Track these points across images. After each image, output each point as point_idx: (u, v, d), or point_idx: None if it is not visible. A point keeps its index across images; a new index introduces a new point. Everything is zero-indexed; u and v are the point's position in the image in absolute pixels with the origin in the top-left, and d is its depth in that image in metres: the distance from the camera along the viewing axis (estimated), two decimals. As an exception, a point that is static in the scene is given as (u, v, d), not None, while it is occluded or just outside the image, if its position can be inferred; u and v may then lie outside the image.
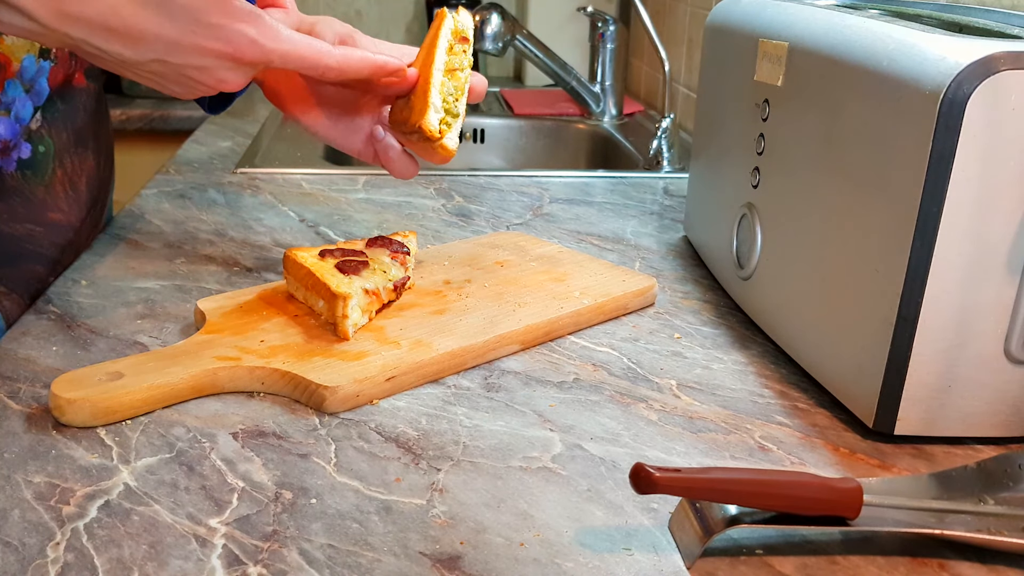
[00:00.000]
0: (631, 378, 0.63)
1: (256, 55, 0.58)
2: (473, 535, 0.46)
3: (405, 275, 0.69)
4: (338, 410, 0.57)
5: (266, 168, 1.13)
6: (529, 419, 0.57)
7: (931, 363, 0.53)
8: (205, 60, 0.57)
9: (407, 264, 0.70)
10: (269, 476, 0.50)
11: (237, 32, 0.56)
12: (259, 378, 0.59)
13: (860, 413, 0.56)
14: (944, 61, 0.49)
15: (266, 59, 0.58)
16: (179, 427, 0.55)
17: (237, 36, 0.56)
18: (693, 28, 1.47)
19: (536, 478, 0.51)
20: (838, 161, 0.58)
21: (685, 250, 0.88)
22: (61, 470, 0.50)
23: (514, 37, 1.41)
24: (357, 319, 0.63)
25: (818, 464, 0.53)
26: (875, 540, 0.47)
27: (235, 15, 0.56)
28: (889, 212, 0.53)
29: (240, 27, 0.56)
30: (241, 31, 0.56)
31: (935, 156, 0.49)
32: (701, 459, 0.54)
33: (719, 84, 0.80)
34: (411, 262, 0.71)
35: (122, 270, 0.78)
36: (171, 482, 0.50)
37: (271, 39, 0.58)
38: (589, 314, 0.70)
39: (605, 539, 0.46)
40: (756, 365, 0.65)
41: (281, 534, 0.46)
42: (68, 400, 0.54)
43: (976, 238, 0.50)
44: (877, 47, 0.55)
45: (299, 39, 0.60)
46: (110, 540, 0.45)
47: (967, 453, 0.55)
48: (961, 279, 0.51)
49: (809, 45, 0.63)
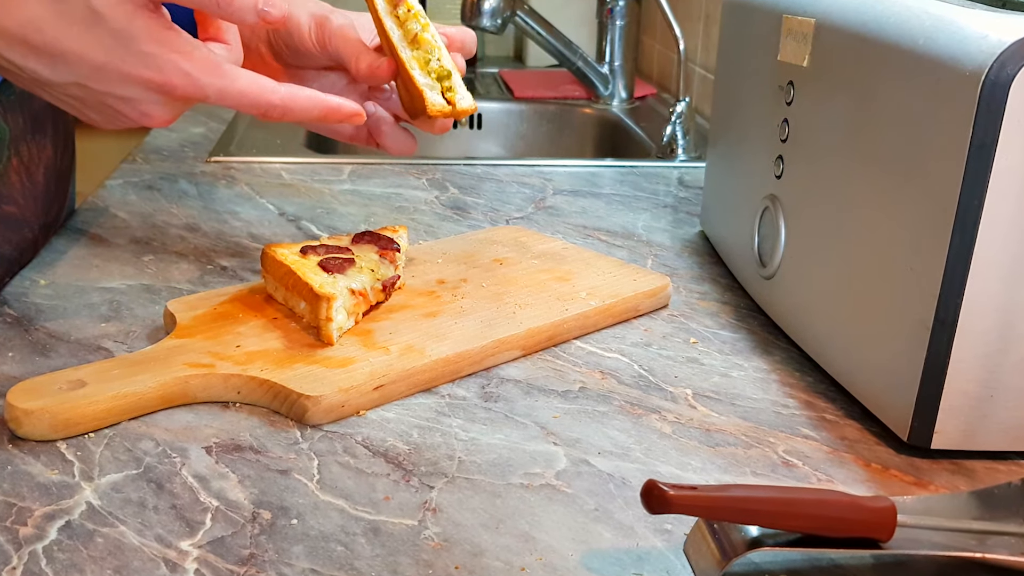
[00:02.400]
0: (643, 387, 0.63)
1: (189, 89, 0.56)
2: (469, 559, 0.46)
3: (395, 274, 0.70)
4: (321, 422, 0.57)
5: (242, 156, 1.14)
6: (531, 432, 0.57)
7: (971, 370, 0.53)
8: (131, 90, 0.56)
9: (397, 262, 0.70)
10: (246, 494, 0.50)
11: (170, 63, 0.55)
12: (235, 387, 0.59)
13: (893, 425, 0.56)
14: (986, 39, 0.49)
15: (200, 94, 0.57)
16: (147, 440, 0.55)
17: (170, 67, 0.55)
18: (710, 3, 1.47)
19: (538, 496, 0.51)
20: (869, 149, 0.58)
21: (702, 246, 0.89)
22: (18, 488, 0.50)
23: (514, 13, 1.41)
24: (342, 322, 0.63)
25: (847, 481, 0.53)
26: (910, 564, 0.47)
27: (170, 45, 0.55)
28: (925, 205, 0.53)
29: (174, 58, 0.55)
30: (175, 63, 0.55)
31: (976, 143, 0.49)
32: (719, 475, 0.54)
33: (739, 65, 0.80)
34: (401, 260, 0.72)
35: (85, 268, 0.78)
36: (138, 501, 0.50)
37: (207, 73, 0.56)
38: (596, 317, 0.70)
39: (614, 563, 0.46)
40: (779, 372, 0.66)
41: (259, 558, 0.46)
42: (25, 411, 0.54)
43: (1020, 233, 0.50)
44: (913, 24, 0.55)
45: (240, 75, 0.58)
46: (71, 564, 0.45)
47: (1011, 469, 0.55)
48: (1004, 278, 0.51)
49: (838, 22, 0.63)
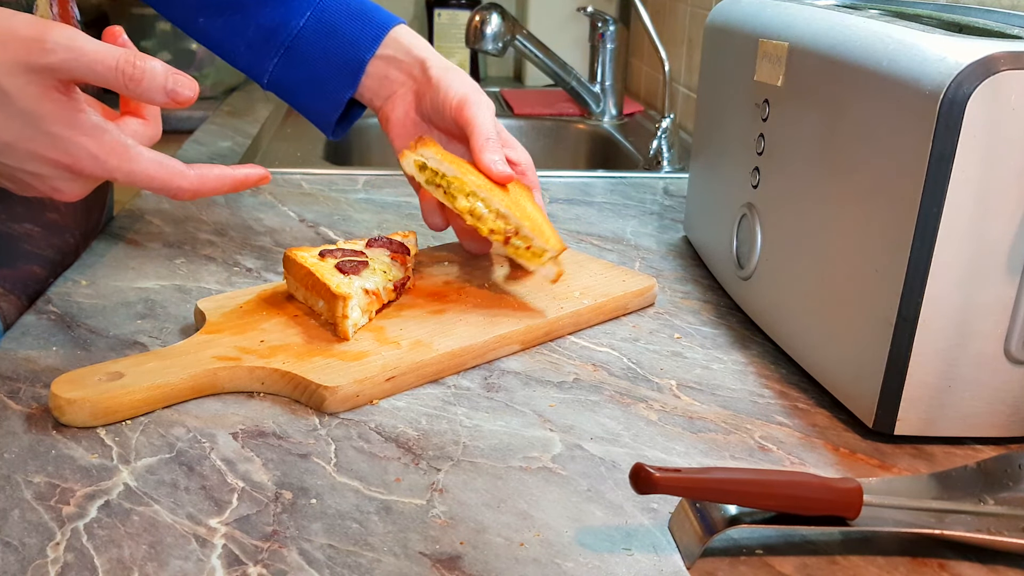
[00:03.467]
0: (631, 378, 0.63)
1: (96, 171, 0.53)
2: (473, 535, 0.46)
3: (405, 275, 0.70)
4: (338, 410, 0.57)
5: (266, 168, 1.13)
6: (529, 419, 0.57)
7: (931, 363, 0.53)
8: (40, 167, 0.52)
9: (407, 264, 0.70)
10: (269, 476, 0.50)
11: (77, 145, 0.52)
12: (259, 378, 0.59)
13: (860, 413, 0.56)
14: (944, 61, 0.49)
15: (108, 176, 0.54)
16: (179, 427, 0.55)
17: (77, 149, 0.52)
18: (693, 28, 1.47)
19: (536, 478, 0.51)
20: (838, 161, 0.58)
21: (685, 250, 0.88)
22: (61, 470, 0.50)
23: (514, 37, 1.41)
24: (357, 319, 0.63)
25: (818, 464, 0.53)
26: (875, 540, 0.47)
27: (78, 127, 0.51)
28: (889, 212, 0.53)
29: (82, 141, 0.52)
30: (82, 145, 0.52)
31: (935, 156, 0.49)
32: (701, 459, 0.54)
33: (719, 84, 0.80)
34: (411, 262, 0.71)
35: (122, 270, 0.78)
36: (171, 482, 0.50)
37: (115, 156, 0.53)
38: (589, 314, 0.70)
39: (605, 539, 0.46)
40: (756, 365, 0.65)
41: (281, 534, 0.46)
42: (68, 400, 0.54)
43: (976, 238, 0.50)
44: (877, 47, 0.55)
45: (148, 158, 0.54)
46: (110, 540, 0.45)
47: (967, 453, 0.55)
48: (961, 279, 0.51)
49: (809, 45, 0.63)
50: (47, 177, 0.53)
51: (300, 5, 0.77)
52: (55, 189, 0.54)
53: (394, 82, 0.77)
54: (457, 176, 0.67)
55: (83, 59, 0.50)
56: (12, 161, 0.52)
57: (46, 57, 0.49)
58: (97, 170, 0.53)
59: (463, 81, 0.74)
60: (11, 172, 0.53)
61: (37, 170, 0.53)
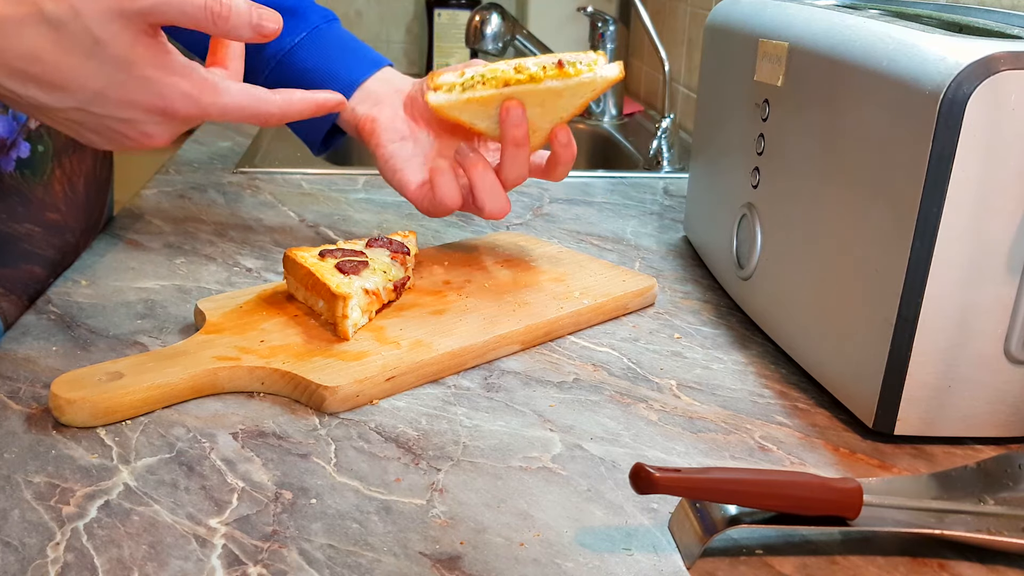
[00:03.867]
0: (631, 378, 0.63)
1: (191, 110, 0.54)
2: (473, 535, 0.46)
3: (405, 275, 0.70)
4: (338, 410, 0.57)
5: (266, 168, 1.13)
6: (529, 419, 0.57)
7: (931, 363, 0.53)
8: (132, 113, 0.53)
9: (407, 264, 0.70)
10: (269, 476, 0.50)
11: (170, 86, 0.53)
12: (259, 378, 0.59)
13: (860, 413, 0.56)
14: (944, 61, 0.49)
15: (202, 113, 0.55)
16: (179, 427, 0.55)
17: (170, 90, 0.53)
18: (693, 28, 1.47)
19: (536, 478, 0.51)
20: (838, 161, 0.58)
21: (685, 250, 0.88)
22: (61, 470, 0.50)
23: (514, 37, 1.41)
24: (357, 319, 0.63)
25: (818, 464, 0.53)
26: (875, 540, 0.47)
27: (169, 68, 0.53)
28: (889, 212, 0.53)
29: (174, 80, 0.53)
30: (174, 84, 0.53)
31: (935, 156, 0.49)
32: (701, 459, 0.54)
33: (719, 84, 0.80)
34: (411, 262, 0.71)
35: (122, 270, 0.78)
36: (171, 482, 0.50)
37: (207, 93, 0.54)
38: (589, 314, 0.70)
39: (605, 539, 0.46)
40: (756, 365, 0.65)
41: (281, 534, 0.46)
42: (68, 400, 0.54)
43: (976, 238, 0.50)
44: (877, 47, 0.55)
45: (236, 90, 0.56)
46: (110, 540, 0.45)
47: (967, 453, 0.55)
48: (961, 279, 0.51)
49: (809, 45, 0.63)
50: (138, 122, 0.54)
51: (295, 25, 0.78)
52: (145, 134, 0.54)
53: (379, 94, 0.78)
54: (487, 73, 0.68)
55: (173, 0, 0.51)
56: (103, 110, 0.52)
57: (137, 2, 0.50)
58: (191, 108, 0.54)
59: None
60: (100, 122, 0.53)
61: (129, 116, 0.53)
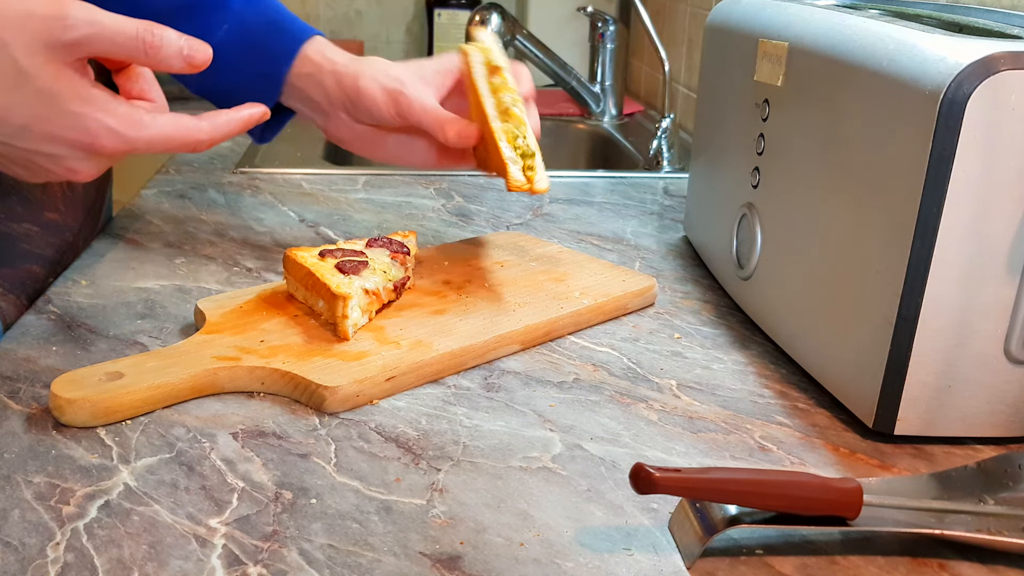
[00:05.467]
0: (631, 378, 0.63)
1: (116, 144, 0.53)
2: (473, 535, 0.46)
3: (405, 275, 0.70)
4: (338, 410, 0.57)
5: (266, 168, 1.13)
6: (529, 419, 0.57)
7: (931, 363, 0.53)
8: (57, 148, 0.52)
9: (407, 264, 0.70)
10: (269, 476, 0.50)
11: (95, 120, 0.51)
12: (259, 378, 0.59)
13: (860, 413, 0.56)
14: (944, 61, 0.49)
15: (128, 148, 0.53)
16: (179, 427, 0.55)
17: (96, 125, 0.51)
18: (693, 28, 1.47)
19: (536, 478, 0.51)
20: (838, 161, 0.58)
21: (685, 250, 0.88)
22: (61, 470, 0.50)
23: (514, 37, 1.41)
24: (357, 319, 0.63)
25: (818, 464, 0.53)
26: (875, 540, 0.47)
27: (94, 103, 0.51)
28: (889, 212, 0.53)
29: (99, 115, 0.51)
30: (100, 120, 0.51)
31: (935, 156, 0.49)
32: (701, 459, 0.54)
33: (719, 84, 0.80)
34: (411, 262, 0.71)
35: (122, 270, 0.78)
36: (171, 482, 0.50)
37: (133, 127, 0.53)
38: (589, 314, 0.70)
39: (605, 539, 0.46)
40: (756, 365, 0.65)
41: (281, 534, 0.46)
42: (68, 400, 0.54)
43: (976, 238, 0.50)
44: (877, 47, 0.55)
45: (163, 122, 0.54)
46: (110, 540, 0.45)
47: (967, 453, 0.55)
48: (961, 279, 0.51)
49: (809, 45, 0.63)
50: (63, 158, 0.52)
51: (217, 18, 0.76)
52: (71, 170, 0.53)
53: (319, 104, 0.76)
54: None
55: (105, 32, 0.50)
56: (27, 144, 0.51)
57: (68, 33, 0.49)
58: (117, 143, 0.52)
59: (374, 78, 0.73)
60: (26, 156, 0.52)
61: (53, 151, 0.52)
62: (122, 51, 0.51)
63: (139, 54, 0.52)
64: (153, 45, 0.52)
